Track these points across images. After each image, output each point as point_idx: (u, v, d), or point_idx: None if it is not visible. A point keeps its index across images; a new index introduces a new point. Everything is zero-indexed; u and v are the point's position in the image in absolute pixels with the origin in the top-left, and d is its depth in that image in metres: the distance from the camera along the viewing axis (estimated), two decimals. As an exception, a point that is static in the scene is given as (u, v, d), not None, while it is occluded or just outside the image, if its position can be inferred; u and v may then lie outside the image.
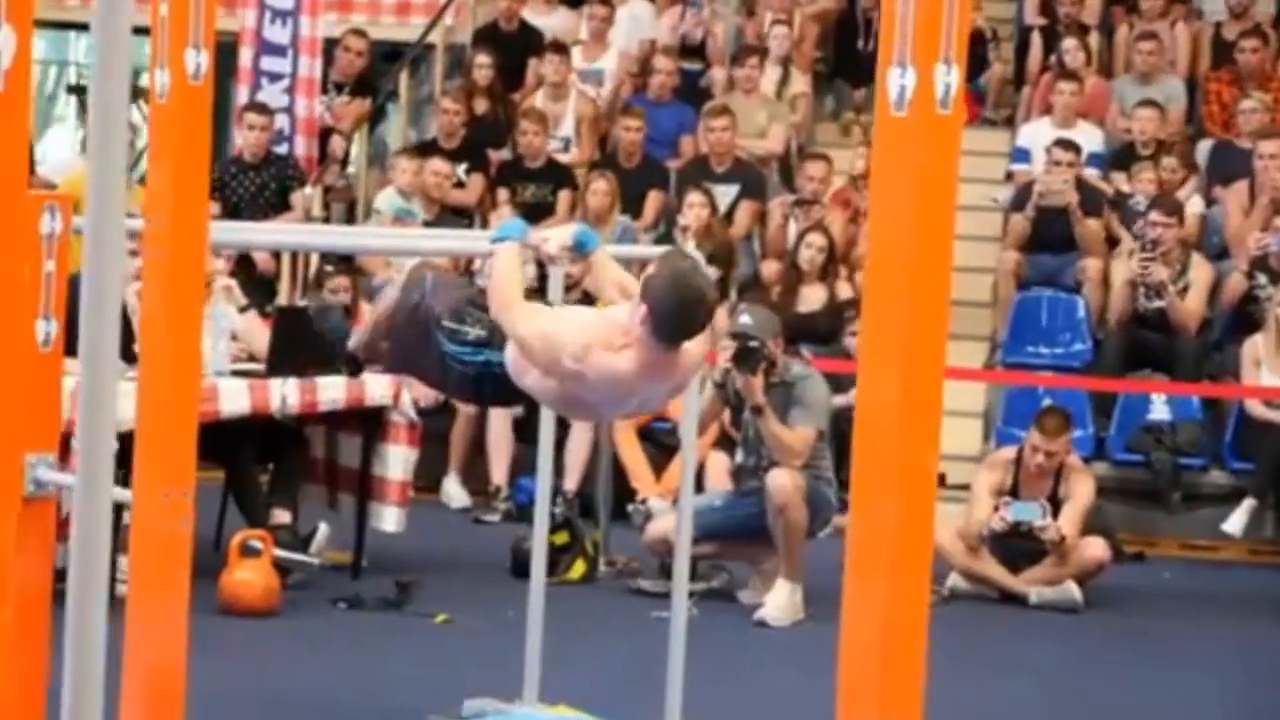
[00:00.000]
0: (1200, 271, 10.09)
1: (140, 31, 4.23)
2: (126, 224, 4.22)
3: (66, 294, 4.25)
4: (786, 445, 7.44)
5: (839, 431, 8.17)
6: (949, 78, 2.83)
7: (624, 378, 4.56)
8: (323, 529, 7.62)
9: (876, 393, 2.91)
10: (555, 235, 4.91)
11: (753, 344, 7.39)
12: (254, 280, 9.96)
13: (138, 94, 10.56)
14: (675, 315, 4.50)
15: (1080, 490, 8.09)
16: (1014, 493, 8.03)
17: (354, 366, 5.09)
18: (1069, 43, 11.84)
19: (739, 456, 7.78)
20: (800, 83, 12.26)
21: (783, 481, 7.38)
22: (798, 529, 7.40)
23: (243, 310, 8.17)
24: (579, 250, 4.86)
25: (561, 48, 11.96)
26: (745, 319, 7.60)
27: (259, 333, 7.83)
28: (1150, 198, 10.41)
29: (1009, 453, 8.29)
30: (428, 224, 10.55)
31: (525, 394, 4.82)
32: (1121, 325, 10.05)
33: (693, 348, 4.66)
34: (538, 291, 5.99)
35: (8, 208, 2.44)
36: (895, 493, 2.85)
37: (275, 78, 11.12)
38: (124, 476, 4.07)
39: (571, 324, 4.64)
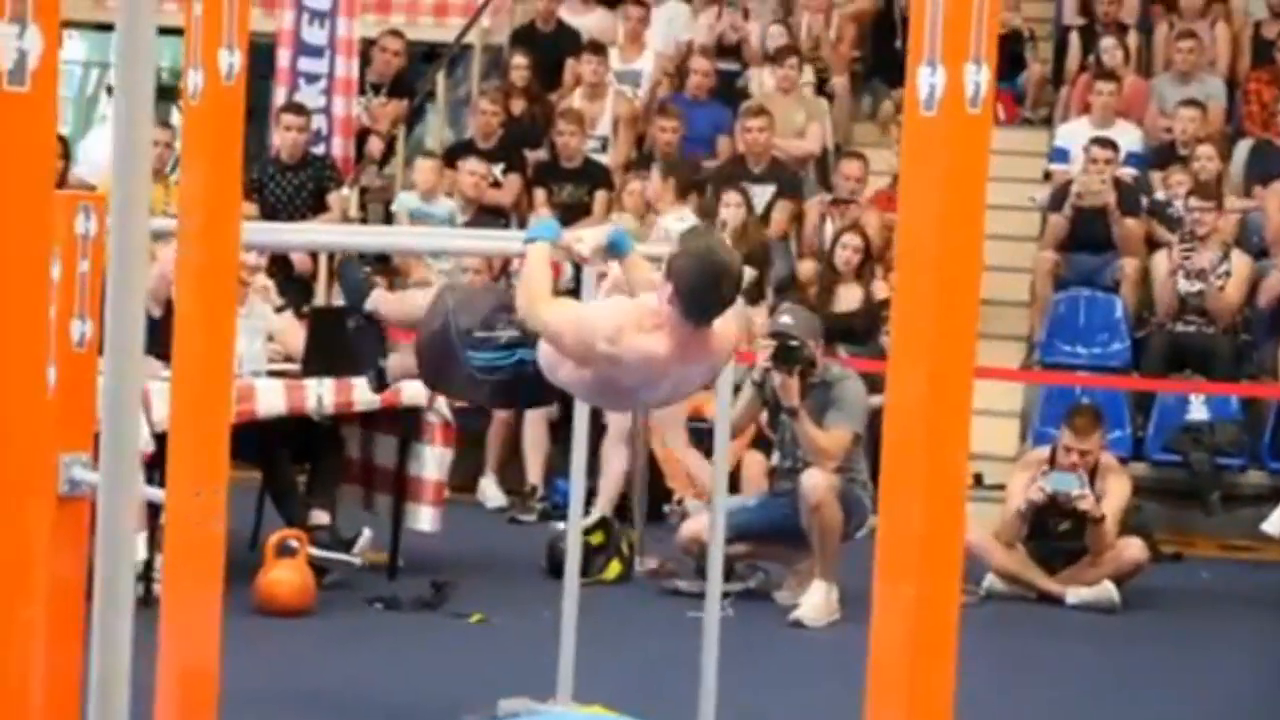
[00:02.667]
0: (1239, 264, 10.06)
1: (174, 32, 4.26)
2: (166, 223, 4.24)
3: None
4: (821, 448, 7.43)
5: (875, 433, 8.16)
6: (979, 77, 2.82)
7: (657, 358, 4.56)
8: (366, 533, 7.62)
9: (905, 393, 2.90)
10: (589, 236, 4.92)
11: (793, 343, 7.38)
12: (291, 281, 10.00)
13: (172, 95, 10.61)
14: (701, 291, 4.51)
15: (1116, 490, 8.05)
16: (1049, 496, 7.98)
17: (365, 322, 5.15)
18: (1107, 42, 11.79)
19: (775, 458, 7.77)
20: (839, 82, 12.24)
21: (816, 481, 7.37)
22: (832, 529, 7.39)
23: (279, 310, 8.19)
24: (613, 251, 4.86)
25: (599, 48, 11.96)
26: (786, 319, 7.60)
27: (295, 333, 7.85)
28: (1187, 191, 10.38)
29: (1043, 452, 8.26)
30: (466, 224, 10.56)
31: (560, 391, 4.82)
32: (1168, 314, 10.00)
33: (724, 327, 4.67)
34: (572, 293, 5.99)
35: (35, 209, 2.45)
36: (923, 494, 2.84)
37: (312, 79, 11.15)
38: (160, 476, 4.09)
39: (602, 309, 4.67)
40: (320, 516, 7.59)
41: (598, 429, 8.94)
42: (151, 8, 1.95)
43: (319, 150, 11.02)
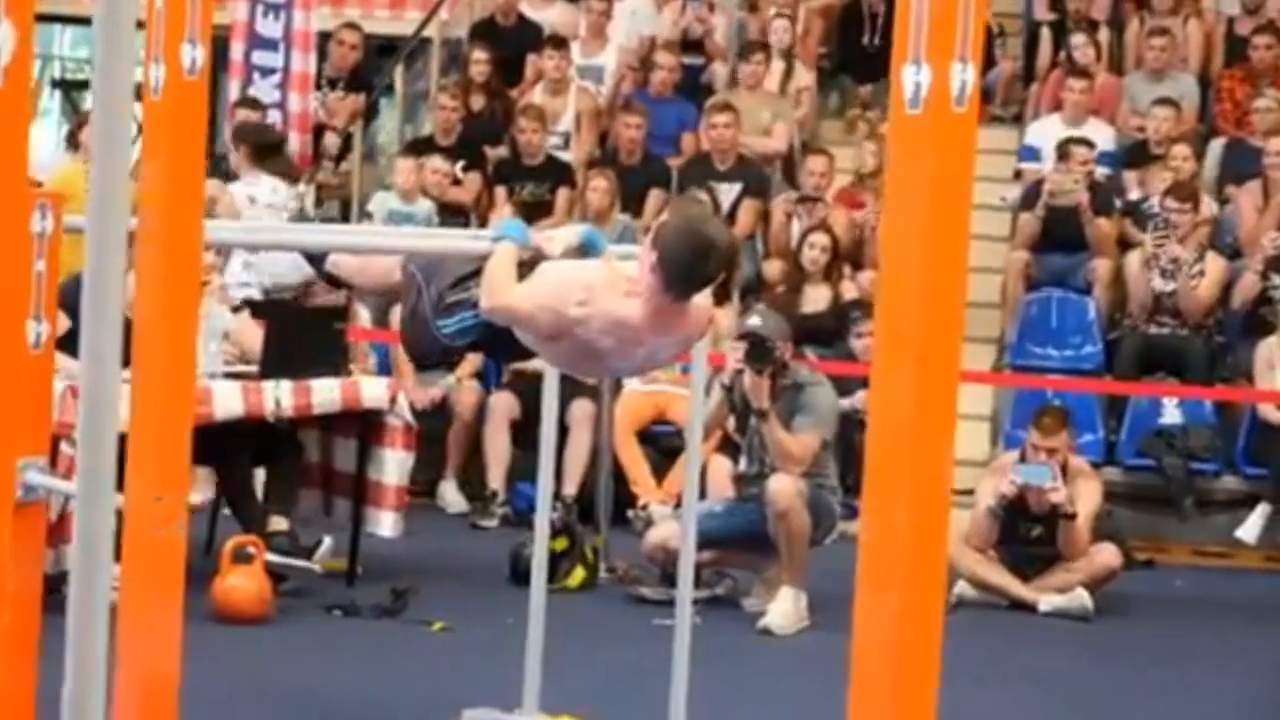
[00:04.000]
0: (1213, 264, 10.13)
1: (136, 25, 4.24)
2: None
3: (61, 295, 4.26)
4: (789, 452, 7.45)
5: (845, 435, 8.19)
6: (965, 75, 2.83)
7: (630, 324, 4.51)
8: (326, 542, 7.60)
9: (890, 397, 2.91)
10: (560, 236, 4.90)
11: (765, 344, 7.41)
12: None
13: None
14: (687, 265, 4.44)
15: (1087, 494, 8.09)
16: (1020, 500, 8.01)
17: (328, 280, 5.21)
18: (1079, 38, 11.85)
19: (742, 464, 7.79)
20: (804, 78, 12.27)
21: (784, 487, 7.39)
22: (800, 535, 7.41)
23: (235, 310, 8.18)
24: (585, 252, 4.85)
25: (560, 42, 11.97)
26: (755, 320, 7.64)
27: (252, 333, 7.83)
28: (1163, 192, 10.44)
29: (1013, 455, 8.30)
30: (438, 224, 10.54)
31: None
32: (1142, 314, 10.05)
33: (702, 300, 4.61)
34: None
35: (8, 206, 2.44)
36: (909, 500, 2.85)
37: (267, 72, 11.13)
38: (118, 480, 4.08)
39: (574, 270, 4.60)
40: (278, 522, 7.57)
41: (560, 430, 8.96)
42: (132, 3, 1.95)
43: (274, 146, 10.97)
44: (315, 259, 5.39)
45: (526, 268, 4.66)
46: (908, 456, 2.85)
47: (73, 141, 10.53)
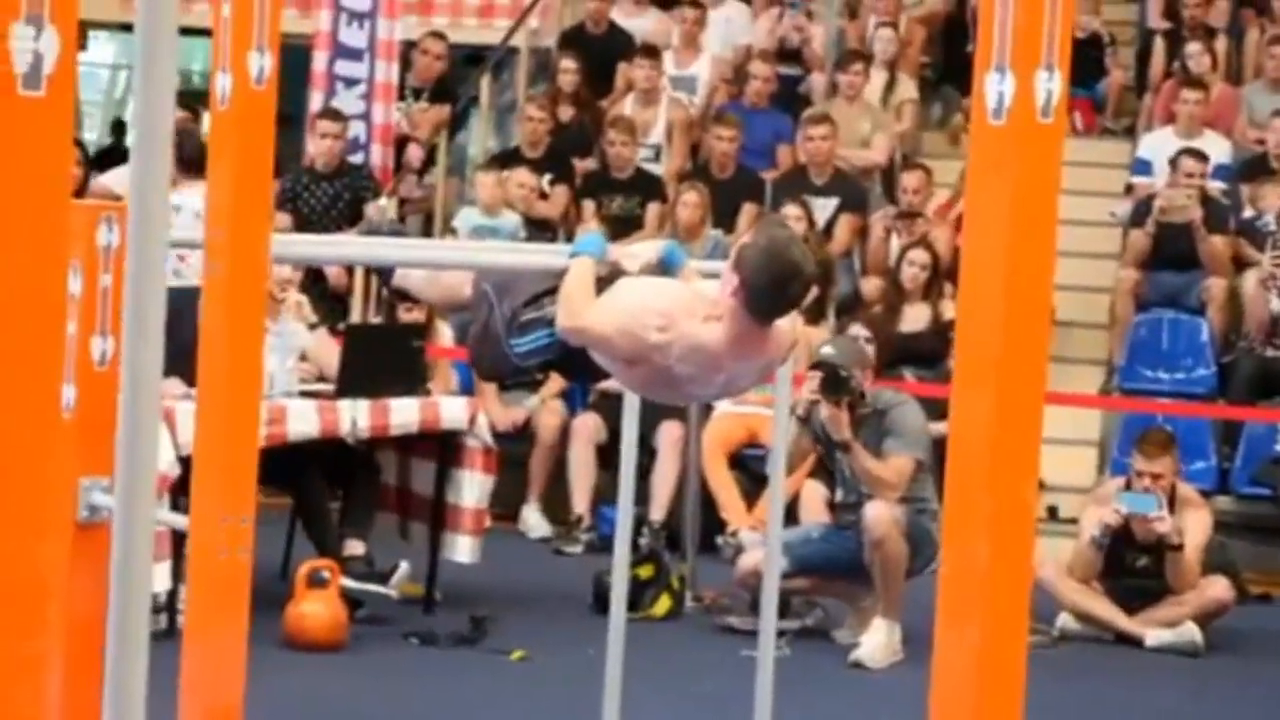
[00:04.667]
0: (1336, 282, 10.01)
1: (202, 33, 4.28)
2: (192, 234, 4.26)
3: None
4: (881, 479, 7.41)
5: (943, 460, 8.13)
6: (1051, 84, 2.81)
7: (710, 350, 4.49)
8: (404, 567, 7.62)
9: (970, 420, 2.89)
10: (639, 251, 4.89)
11: (840, 373, 7.37)
12: (325, 297, 10.04)
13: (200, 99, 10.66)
14: (770, 289, 4.42)
15: (1196, 524, 8.00)
16: (1125, 529, 7.93)
17: (398, 295, 5.24)
18: (1194, 47, 11.74)
19: (839, 494, 7.75)
20: (907, 88, 12.23)
21: (879, 514, 7.35)
22: (895, 564, 7.37)
23: (312, 328, 8.23)
24: (665, 268, 4.83)
25: (652, 51, 11.98)
26: (828, 349, 7.59)
27: (329, 351, 7.88)
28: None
29: (1119, 482, 8.23)
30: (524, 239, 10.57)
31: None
32: (1258, 336, 9.94)
33: (785, 323, 4.60)
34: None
35: (51, 220, 2.46)
36: (989, 529, 2.82)
37: (351, 83, 11.19)
38: (185, 501, 4.11)
39: (653, 291, 4.58)
40: (355, 547, 7.61)
41: (647, 453, 8.96)
42: (172, 5, 1.96)
43: (356, 159, 11.06)
44: (384, 272, 5.41)
45: (605, 284, 4.65)
46: (988, 484, 2.83)
47: (130, 154, 10.64)
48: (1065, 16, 2.82)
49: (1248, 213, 10.80)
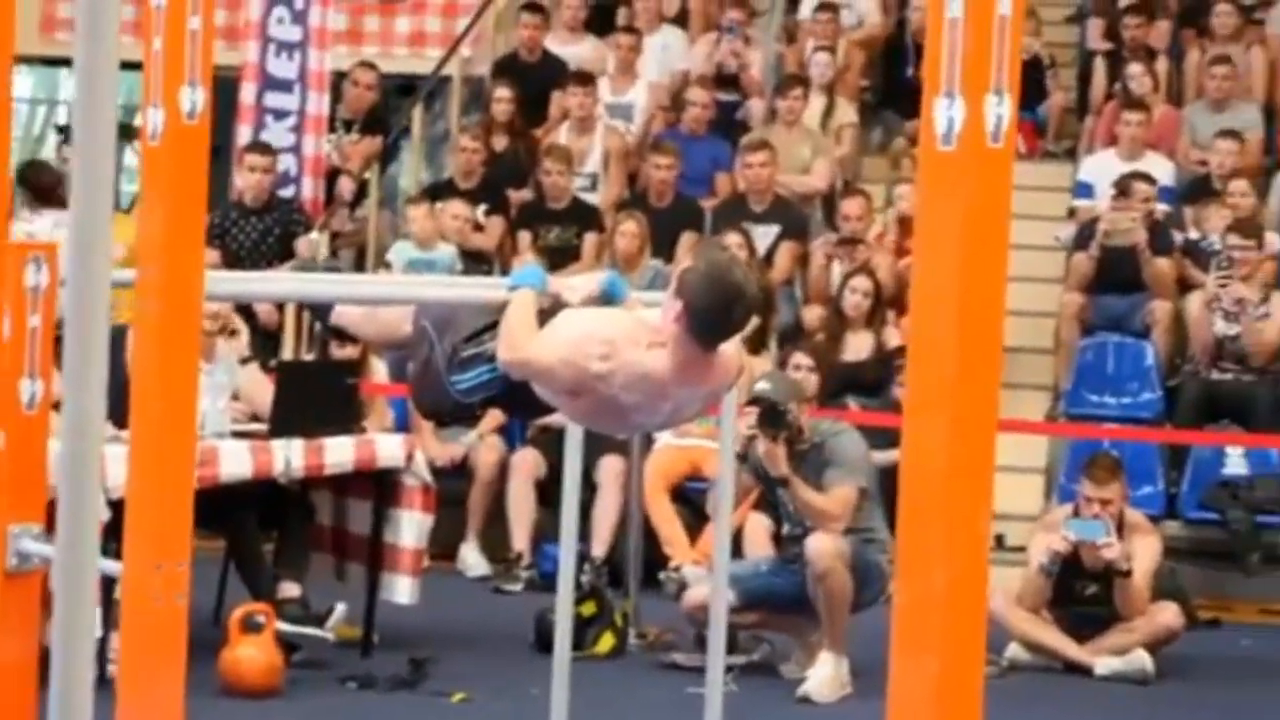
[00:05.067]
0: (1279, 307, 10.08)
1: (132, 67, 4.28)
2: (125, 274, 4.26)
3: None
4: (824, 511, 7.44)
5: (890, 489, 8.15)
6: (1001, 109, 2.83)
7: (655, 378, 4.49)
8: (340, 608, 7.60)
9: (923, 449, 2.90)
10: (580, 284, 4.89)
11: (776, 408, 7.39)
12: (256, 334, 10.00)
13: (130, 134, 10.65)
14: (713, 313, 4.43)
15: (1145, 550, 8.06)
16: (1074, 557, 7.98)
17: (334, 334, 5.24)
18: (1135, 68, 11.84)
19: (785, 527, 7.77)
20: (846, 112, 12.28)
21: (823, 547, 7.37)
22: (840, 597, 7.39)
23: (243, 363, 8.20)
24: (606, 300, 4.84)
25: (586, 79, 12.01)
26: (763, 384, 7.61)
27: (262, 390, 7.85)
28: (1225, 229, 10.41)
29: (1067, 509, 8.28)
30: (461, 271, 10.57)
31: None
32: (1204, 359, 10.00)
33: (729, 350, 4.60)
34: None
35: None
36: (944, 557, 2.84)
37: (281, 115, 11.17)
38: (116, 547, 4.09)
39: (596, 323, 4.58)
40: (290, 589, 7.58)
41: (588, 488, 8.95)
42: (113, 41, 1.96)
43: (287, 193, 11.03)
44: (318, 309, 5.40)
45: (546, 316, 4.66)
46: (943, 514, 2.84)
47: (71, 193, 10.64)
48: (1014, 40, 2.85)
49: (1192, 234, 10.90)
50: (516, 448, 9.90)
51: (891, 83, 12.75)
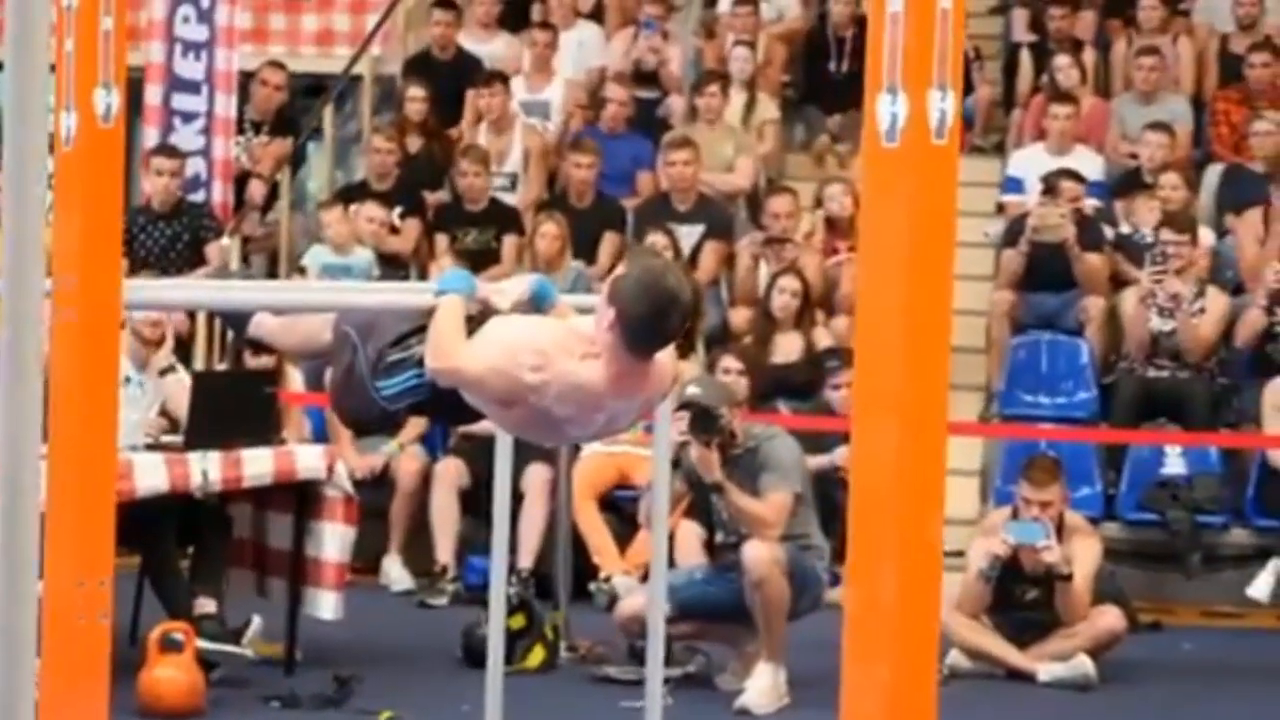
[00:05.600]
0: (1215, 301, 10.16)
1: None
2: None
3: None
4: (759, 517, 7.45)
5: (826, 495, 8.19)
6: (944, 104, 2.86)
7: (590, 389, 4.50)
8: (256, 621, 7.58)
9: (872, 453, 2.92)
10: (509, 287, 4.89)
11: (709, 413, 7.40)
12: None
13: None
14: (648, 321, 4.45)
15: (1085, 553, 8.11)
16: (1013, 561, 8.03)
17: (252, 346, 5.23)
18: (1062, 60, 11.92)
19: (718, 535, 7.78)
20: (768, 109, 12.32)
21: (758, 554, 7.38)
22: (778, 605, 7.41)
23: (163, 373, 8.17)
24: (537, 304, 4.83)
25: (502, 77, 11.99)
26: (694, 389, 7.61)
27: (183, 398, 7.80)
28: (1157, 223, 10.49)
29: (1005, 512, 8.32)
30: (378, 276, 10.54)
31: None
32: (1139, 355, 10.07)
33: (663, 358, 4.62)
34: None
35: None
36: (896, 564, 2.87)
37: (189, 117, 11.11)
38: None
39: (527, 332, 4.57)
40: (206, 605, 7.54)
41: (514, 497, 8.94)
42: (44, 43, 1.96)
43: (197, 197, 10.97)
44: (235, 321, 5.37)
45: (475, 322, 4.66)
46: (893, 518, 2.87)
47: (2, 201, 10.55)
48: (956, 34, 2.88)
49: (1124, 228, 10.98)
50: (439, 457, 9.88)
51: (813, 78, 12.79)
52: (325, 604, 7.77)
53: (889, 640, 2.89)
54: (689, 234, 11.00)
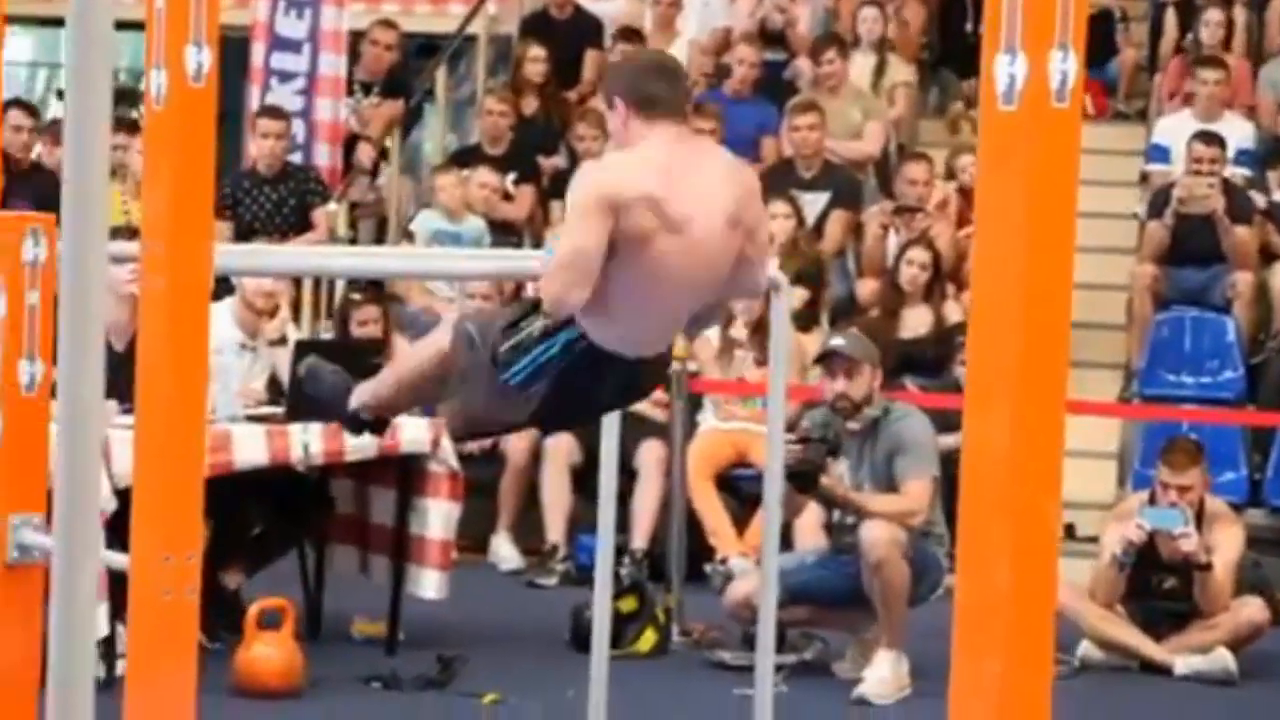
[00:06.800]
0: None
1: (134, 26, 4.28)
2: (128, 247, 4.25)
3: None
4: (901, 513, 7.44)
5: (948, 477, 8.14)
6: (1066, 65, 2.80)
7: (659, 163, 4.72)
8: None
9: (985, 434, 2.88)
10: None
11: (806, 465, 7.38)
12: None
13: (134, 98, 10.65)
14: (640, 81, 4.84)
15: (1228, 540, 8.02)
16: (1150, 548, 7.95)
17: (355, 427, 5.09)
18: (1211, 16, 11.76)
19: (836, 515, 7.75)
20: (900, 72, 12.24)
21: (878, 535, 7.35)
22: (898, 590, 7.37)
23: (273, 344, 8.24)
24: None
25: (628, 35, 11.96)
26: (839, 340, 7.64)
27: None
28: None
29: (1142, 496, 8.25)
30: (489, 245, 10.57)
31: (624, 366, 4.80)
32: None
33: (717, 148, 5.33)
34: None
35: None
36: (1009, 551, 2.82)
37: (287, 77, 11.17)
38: (123, 539, 4.10)
39: (583, 192, 4.77)
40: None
41: (627, 475, 8.95)
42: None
43: (298, 159, 11.03)
44: (336, 407, 5.34)
45: None
46: (1007, 505, 2.82)
47: (64, 158, 10.70)
48: (1080, -9, 2.82)
49: (1277, 198, 10.83)
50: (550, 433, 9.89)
51: (950, 40, 12.70)
52: (429, 582, 7.80)
53: (1001, 633, 2.84)
54: (813, 201, 10.95)
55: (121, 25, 2.18)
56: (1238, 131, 11.12)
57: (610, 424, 5.54)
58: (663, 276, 4.76)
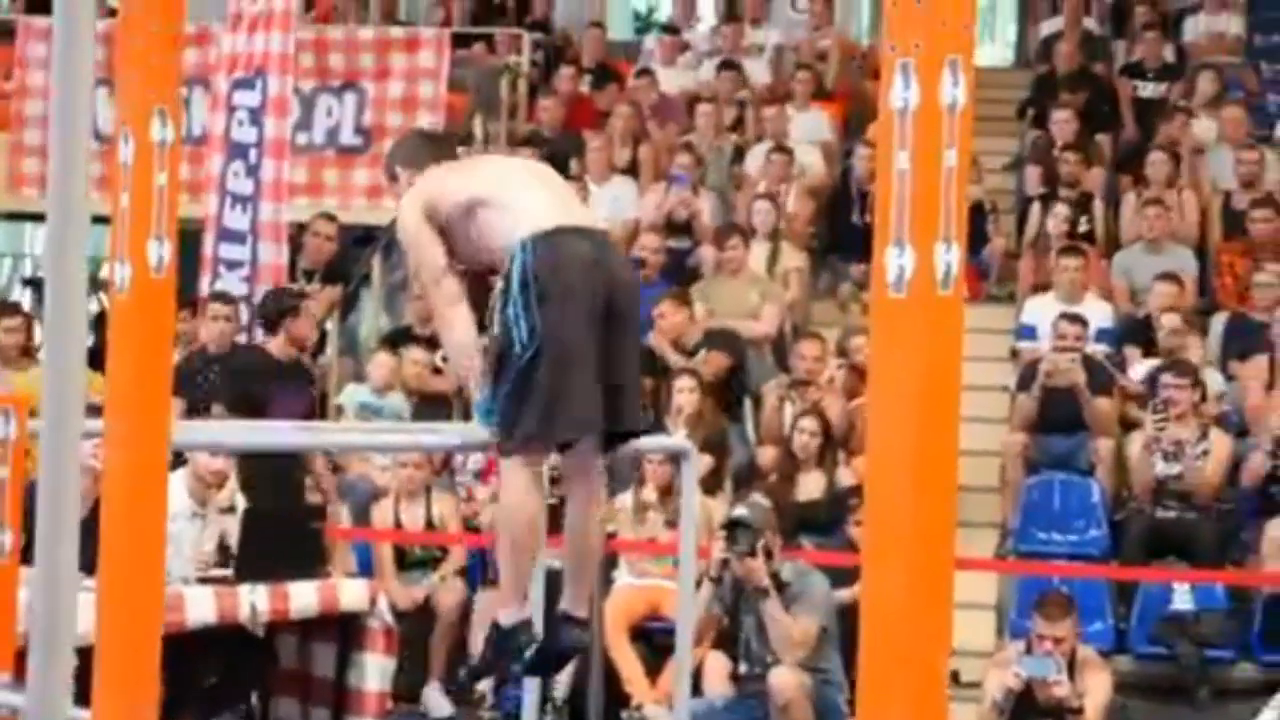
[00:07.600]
0: (1219, 444, 10.09)
1: (99, 220, 4.27)
2: (94, 424, 4.23)
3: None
4: (790, 634, 7.42)
5: (845, 630, 8.14)
6: (949, 256, 2.85)
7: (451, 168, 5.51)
8: None
9: (883, 589, 2.89)
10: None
11: (746, 524, 7.43)
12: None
13: (97, 286, 10.63)
14: (420, 148, 5.67)
15: (1097, 685, 8.03)
16: (1027, 693, 7.95)
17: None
18: (1060, 212, 11.99)
19: (742, 666, 7.73)
20: (794, 257, 12.35)
21: (785, 680, 7.34)
22: (802, 734, 7.34)
23: (222, 512, 8.16)
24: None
25: (542, 228, 12.01)
26: (740, 510, 7.65)
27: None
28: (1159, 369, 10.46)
29: (1019, 647, 8.25)
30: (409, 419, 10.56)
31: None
32: (1145, 497, 10.01)
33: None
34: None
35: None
36: (907, 697, 2.82)
37: (233, 265, 11.20)
38: (82, 694, 4.04)
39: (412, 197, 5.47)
40: None
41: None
42: (82, 198, 1.96)
43: (243, 340, 11.01)
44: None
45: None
46: (903, 654, 2.83)
47: (44, 343, 10.64)
48: (959, 191, 2.87)
49: (1136, 372, 10.94)
50: (479, 589, 9.83)
51: (838, 229, 12.84)
52: (366, 732, 7.71)
53: (899, 773, 2.84)
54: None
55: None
56: (1098, 312, 11.27)
57: (536, 579, 5.52)
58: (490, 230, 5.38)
